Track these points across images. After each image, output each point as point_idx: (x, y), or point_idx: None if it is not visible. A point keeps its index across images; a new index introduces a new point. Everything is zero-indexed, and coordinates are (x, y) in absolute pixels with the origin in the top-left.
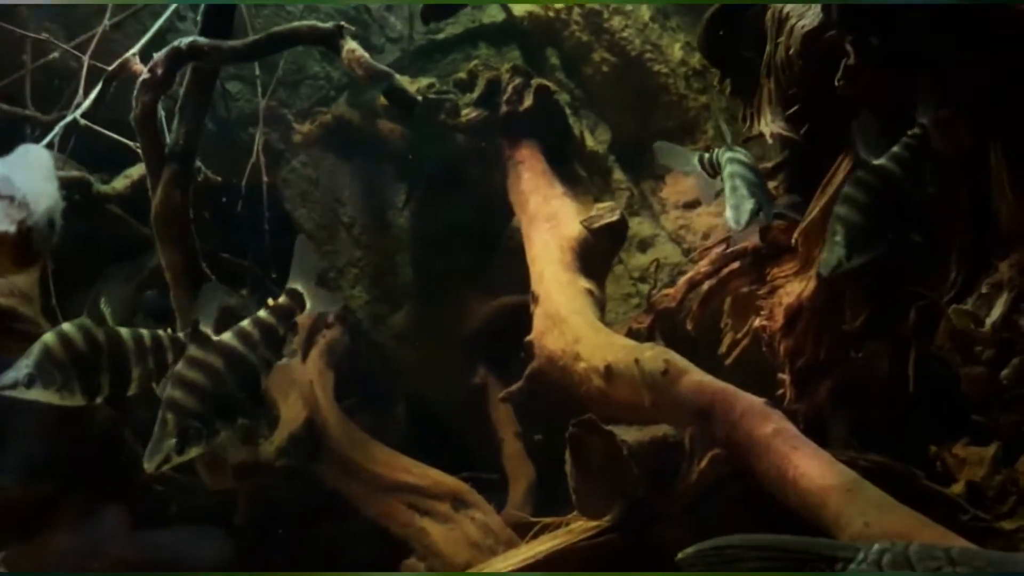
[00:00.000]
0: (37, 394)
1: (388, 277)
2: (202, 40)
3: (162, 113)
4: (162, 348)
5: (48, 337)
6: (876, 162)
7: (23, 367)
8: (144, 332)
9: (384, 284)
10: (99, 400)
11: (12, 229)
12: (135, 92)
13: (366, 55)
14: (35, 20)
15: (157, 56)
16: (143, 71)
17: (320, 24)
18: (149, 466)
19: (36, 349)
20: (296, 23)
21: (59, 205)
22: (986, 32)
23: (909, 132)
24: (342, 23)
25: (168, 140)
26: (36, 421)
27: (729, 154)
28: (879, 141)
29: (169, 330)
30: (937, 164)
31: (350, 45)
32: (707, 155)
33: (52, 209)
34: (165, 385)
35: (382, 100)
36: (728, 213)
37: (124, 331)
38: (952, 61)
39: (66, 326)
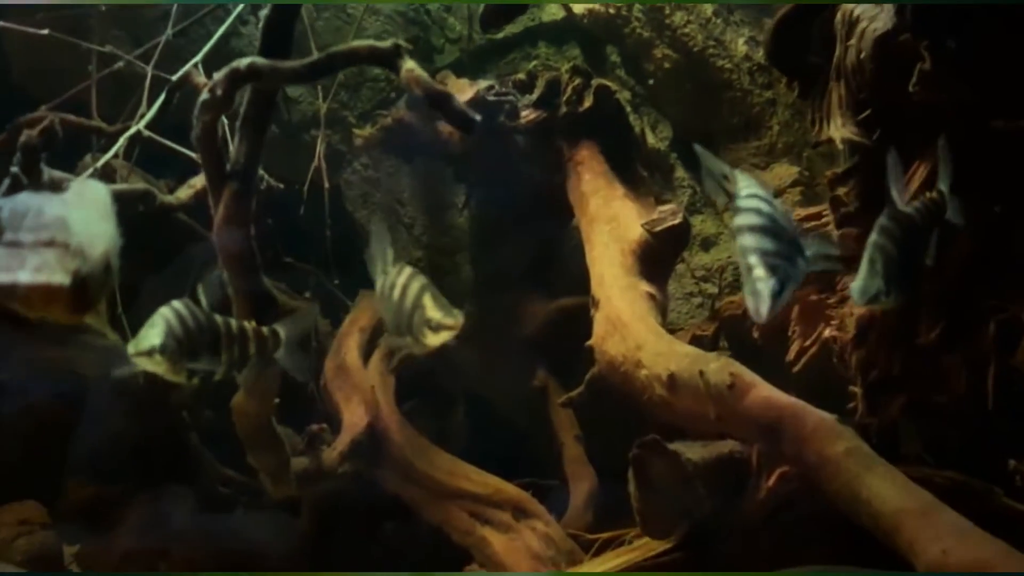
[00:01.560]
0: (157, 365)
1: (448, 277)
2: (261, 61)
3: (225, 124)
4: (246, 338)
5: (166, 311)
6: (904, 209)
7: (155, 335)
8: (232, 320)
9: (444, 284)
10: (194, 381)
11: (67, 281)
12: (195, 112)
13: (425, 75)
14: (101, 28)
15: (216, 77)
16: (203, 86)
17: (379, 44)
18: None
19: (159, 320)
20: (355, 42)
21: (116, 244)
22: None
23: (927, 194)
24: (400, 42)
25: (229, 158)
26: (106, 420)
27: (739, 220)
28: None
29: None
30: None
31: (408, 64)
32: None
33: (109, 251)
34: None
35: None
36: (748, 302)
37: (218, 317)
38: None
39: (177, 304)
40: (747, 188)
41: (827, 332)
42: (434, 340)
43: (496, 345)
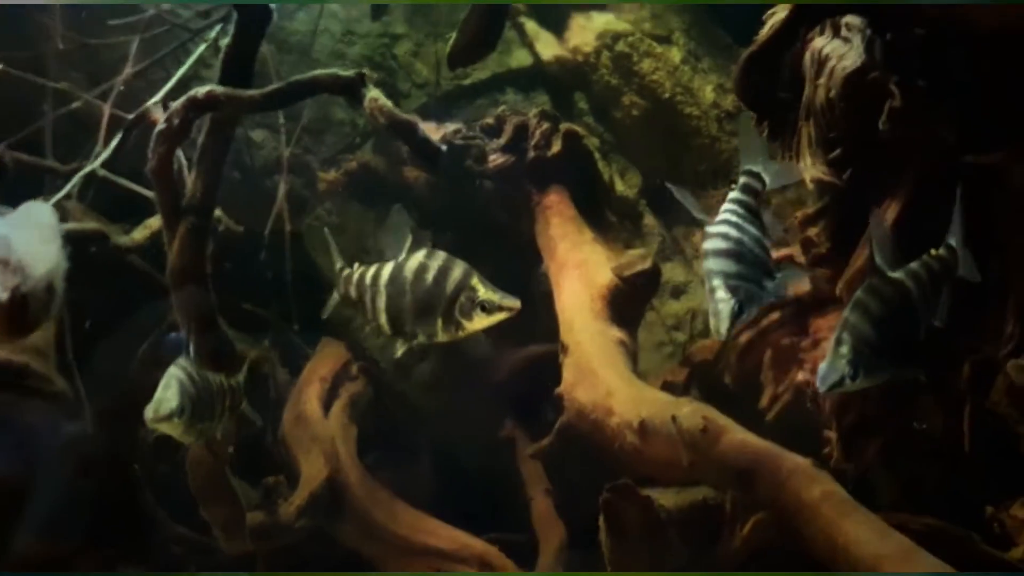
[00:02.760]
0: (175, 428)
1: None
2: (219, 89)
3: (184, 162)
4: (227, 392)
5: (176, 372)
6: (893, 275)
7: (172, 398)
8: (220, 378)
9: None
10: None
11: (4, 296)
12: (151, 143)
13: (389, 104)
14: (58, 68)
15: (173, 106)
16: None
17: (342, 72)
18: None
19: (173, 383)
20: (317, 71)
21: (61, 267)
22: None
23: (933, 252)
24: (364, 71)
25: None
26: (56, 479)
27: (707, 244)
28: (895, 245)
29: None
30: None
31: (372, 93)
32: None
33: (52, 272)
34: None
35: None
36: (711, 322)
37: (210, 375)
38: (1004, 101)
39: (183, 362)
40: (708, 238)
41: (800, 376)
42: (482, 323)
43: (463, 394)
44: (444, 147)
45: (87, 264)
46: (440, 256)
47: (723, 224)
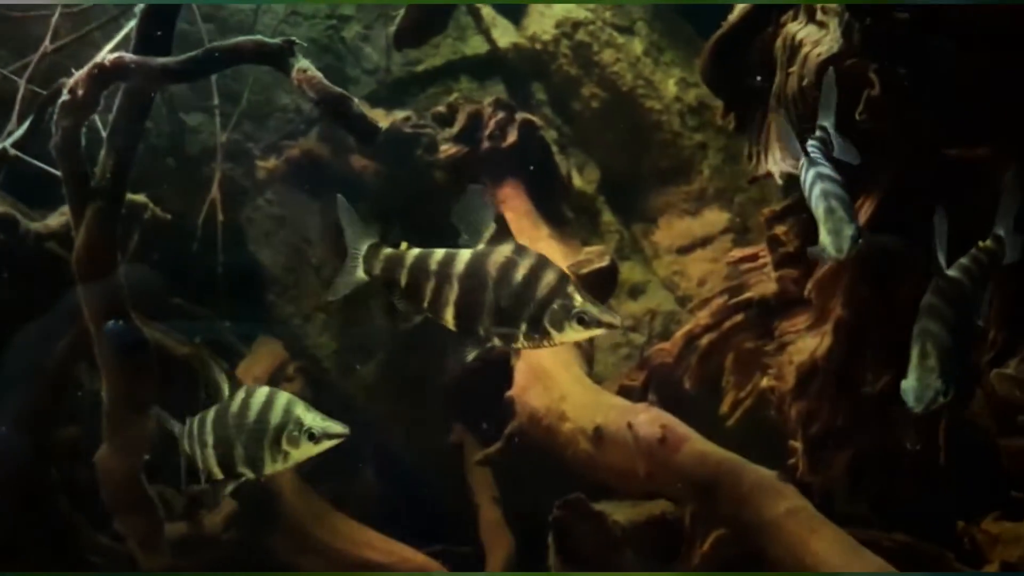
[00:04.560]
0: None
1: (359, 325)
2: (128, 56)
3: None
4: None
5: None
6: (951, 274)
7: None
8: None
9: (355, 332)
10: None
11: None
12: (55, 117)
13: (319, 75)
14: None
15: (77, 75)
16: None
17: (266, 40)
18: None
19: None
20: (240, 38)
21: None
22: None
23: (981, 244)
24: (293, 39)
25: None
26: None
27: (816, 169)
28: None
29: None
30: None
31: (301, 64)
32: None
33: None
34: None
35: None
36: (826, 239)
37: None
38: (992, 91)
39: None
40: (815, 166)
41: (764, 382)
42: (575, 336)
43: (410, 397)
44: (381, 124)
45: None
46: (532, 254)
47: (827, 167)
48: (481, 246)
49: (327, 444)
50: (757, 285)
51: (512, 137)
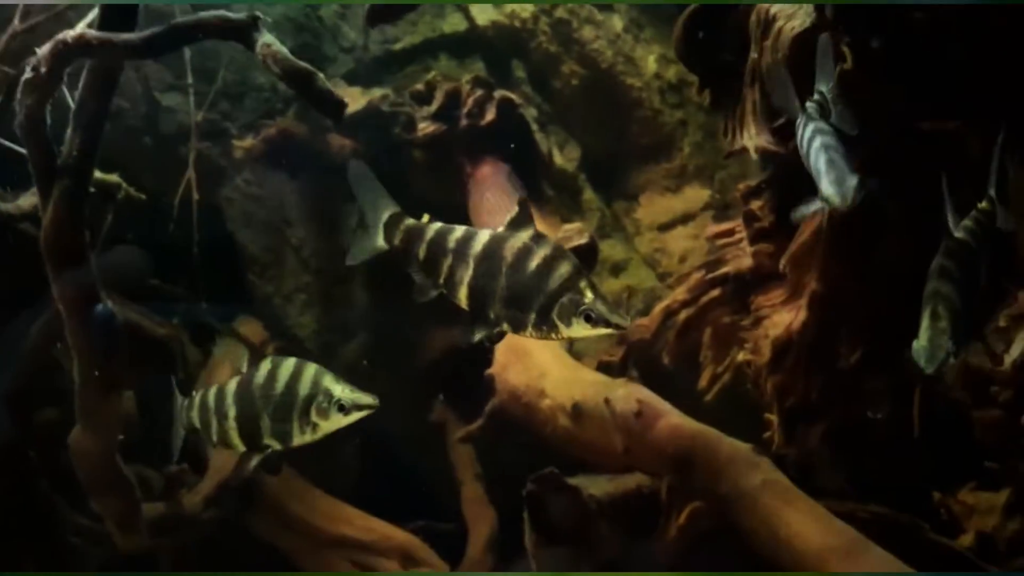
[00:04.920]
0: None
1: (340, 304)
2: (91, 33)
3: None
4: None
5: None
6: (958, 235)
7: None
8: None
9: (336, 312)
10: None
11: None
12: (18, 95)
13: (284, 50)
14: None
15: (40, 52)
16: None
17: (231, 15)
18: None
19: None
20: (203, 13)
21: None
22: (998, 34)
23: (980, 205)
24: (258, 14)
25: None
26: None
27: (814, 125)
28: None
29: None
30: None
31: (266, 39)
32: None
33: None
34: None
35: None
36: (829, 190)
37: None
38: (963, 66)
39: None
40: (812, 121)
41: (741, 356)
42: (581, 332)
43: (391, 376)
44: (346, 100)
45: None
46: (549, 244)
47: (825, 123)
48: (501, 229)
49: (357, 415)
50: (733, 260)
51: (491, 115)
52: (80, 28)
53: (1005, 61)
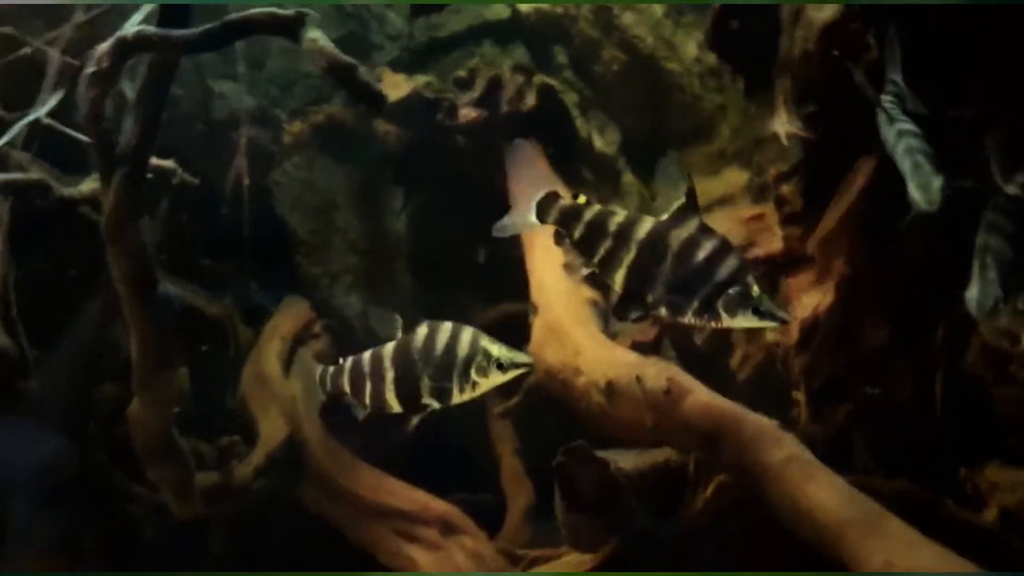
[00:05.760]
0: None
1: (385, 284)
2: (150, 29)
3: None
4: None
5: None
6: (1009, 191)
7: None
8: None
9: (381, 291)
10: None
11: None
12: (80, 89)
13: (330, 45)
14: (16, 14)
15: (101, 48)
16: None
17: (279, 11)
18: None
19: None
20: (253, 10)
21: None
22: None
23: None
24: (305, 11)
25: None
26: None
27: (897, 126)
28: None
29: None
30: None
31: (312, 34)
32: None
33: None
34: None
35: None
36: (916, 193)
37: None
38: (984, 56)
39: None
40: (897, 122)
41: (770, 337)
42: (745, 323)
43: None
44: (387, 93)
45: (33, 217)
46: (717, 236)
47: (910, 123)
48: (665, 216)
49: (514, 373)
50: (764, 243)
51: (531, 101)
52: (139, 25)
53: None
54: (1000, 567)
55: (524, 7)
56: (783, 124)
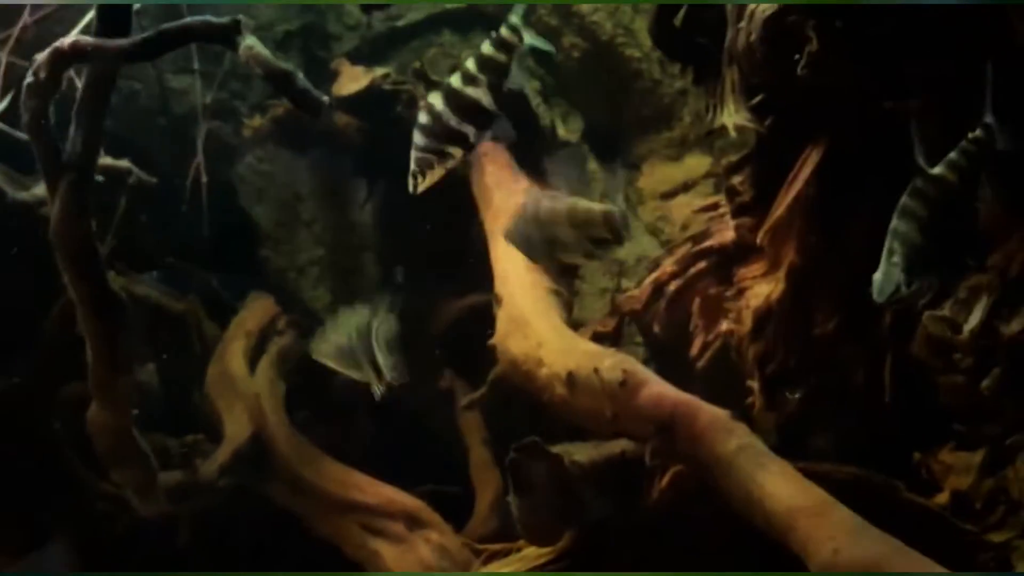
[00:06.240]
0: None
1: (352, 276)
2: (85, 39)
3: None
4: None
5: None
6: (934, 172)
7: None
8: None
9: (348, 284)
10: None
11: None
12: (22, 98)
13: (265, 52)
14: None
15: (38, 58)
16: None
17: (214, 19)
18: None
19: None
20: (188, 19)
21: None
22: (959, 17)
23: (970, 135)
24: (240, 17)
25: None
26: None
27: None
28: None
29: None
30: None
31: (248, 41)
32: None
33: None
34: None
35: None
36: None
37: None
38: (923, 47)
39: None
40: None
41: (724, 326)
42: None
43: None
44: (325, 98)
45: None
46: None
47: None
48: None
49: None
50: (718, 233)
51: None
52: (75, 35)
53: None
54: (953, 549)
55: None
56: (731, 115)
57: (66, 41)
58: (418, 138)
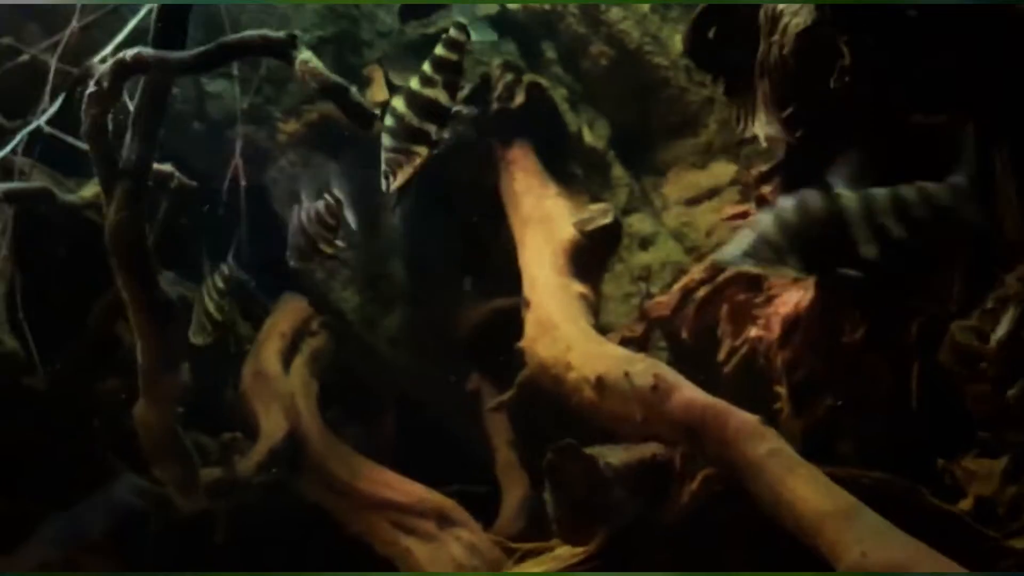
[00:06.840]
0: None
1: (381, 279)
2: (147, 52)
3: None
4: None
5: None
6: (842, 191)
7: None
8: None
9: (377, 286)
10: None
11: None
12: (83, 106)
13: (320, 66)
14: (12, 20)
15: (101, 69)
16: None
17: (271, 34)
18: None
19: None
20: (246, 33)
21: None
22: (987, 32)
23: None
24: (296, 32)
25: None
26: (14, 434)
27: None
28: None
29: None
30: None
31: (303, 55)
32: None
33: None
34: None
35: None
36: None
37: None
38: (952, 62)
39: None
40: None
41: (753, 332)
42: None
43: (429, 348)
44: (376, 112)
45: (38, 222)
46: None
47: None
48: None
49: None
50: None
51: (520, 98)
52: (137, 48)
53: (996, 55)
54: (975, 554)
55: (512, 4)
56: (762, 126)
57: (129, 53)
58: (385, 140)
